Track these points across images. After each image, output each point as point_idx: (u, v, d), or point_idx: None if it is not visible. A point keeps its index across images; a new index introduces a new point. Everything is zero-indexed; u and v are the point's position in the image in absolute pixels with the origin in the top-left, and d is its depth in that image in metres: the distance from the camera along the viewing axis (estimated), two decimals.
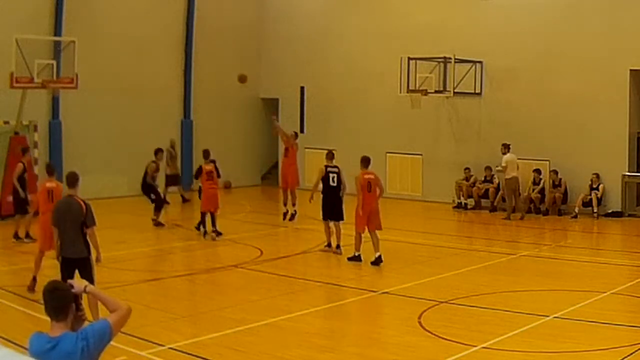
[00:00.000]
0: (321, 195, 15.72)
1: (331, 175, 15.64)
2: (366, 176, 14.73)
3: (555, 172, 21.32)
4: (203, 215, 17.34)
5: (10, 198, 17.69)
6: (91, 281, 9.00)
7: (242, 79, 20.26)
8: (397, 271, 14.18)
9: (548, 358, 9.16)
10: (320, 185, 15.76)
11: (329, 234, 15.76)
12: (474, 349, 9.42)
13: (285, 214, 19.44)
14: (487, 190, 22.54)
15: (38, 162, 21.23)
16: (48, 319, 4.71)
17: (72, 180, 10.16)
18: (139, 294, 12.25)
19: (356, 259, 14.73)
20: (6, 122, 20.69)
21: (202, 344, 9.57)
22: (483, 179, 22.76)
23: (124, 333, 9.81)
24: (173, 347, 9.40)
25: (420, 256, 15.89)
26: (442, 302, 11.78)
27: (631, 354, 9.11)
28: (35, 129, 21.73)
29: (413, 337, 10.08)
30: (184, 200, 22.99)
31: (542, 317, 10.78)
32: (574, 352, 9.26)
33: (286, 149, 20.53)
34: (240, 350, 9.40)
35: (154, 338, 9.67)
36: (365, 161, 14.95)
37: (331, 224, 15.66)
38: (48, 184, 12.82)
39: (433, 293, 12.42)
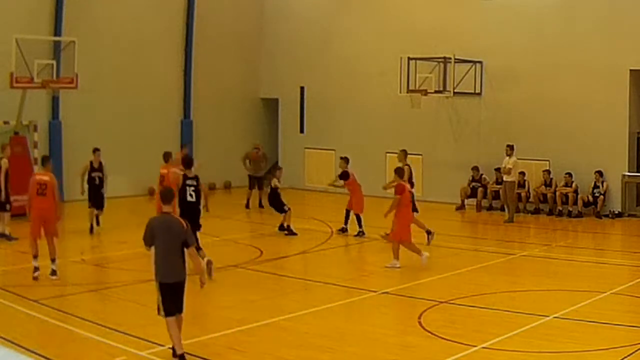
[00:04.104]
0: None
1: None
2: None
3: (570, 175, 21.15)
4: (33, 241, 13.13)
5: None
6: None
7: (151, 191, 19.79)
8: (397, 271, 14.17)
9: (548, 358, 9.16)
10: None
11: None
12: (474, 349, 9.42)
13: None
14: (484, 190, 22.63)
15: (38, 162, 21.24)
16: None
17: None
18: (139, 294, 12.23)
19: None
20: (6, 122, 20.70)
21: (202, 344, 9.55)
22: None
23: (124, 333, 9.84)
24: (173, 347, 9.39)
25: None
26: (442, 302, 11.78)
27: (631, 354, 9.11)
28: (35, 129, 21.74)
29: (413, 337, 10.08)
30: (261, 205, 22.36)
31: (542, 317, 10.78)
32: (574, 352, 9.26)
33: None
34: (240, 350, 9.40)
35: (154, 338, 9.66)
36: None
37: None
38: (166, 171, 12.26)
39: (433, 293, 12.42)
